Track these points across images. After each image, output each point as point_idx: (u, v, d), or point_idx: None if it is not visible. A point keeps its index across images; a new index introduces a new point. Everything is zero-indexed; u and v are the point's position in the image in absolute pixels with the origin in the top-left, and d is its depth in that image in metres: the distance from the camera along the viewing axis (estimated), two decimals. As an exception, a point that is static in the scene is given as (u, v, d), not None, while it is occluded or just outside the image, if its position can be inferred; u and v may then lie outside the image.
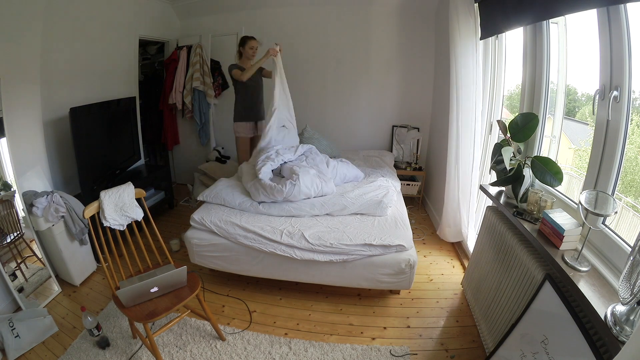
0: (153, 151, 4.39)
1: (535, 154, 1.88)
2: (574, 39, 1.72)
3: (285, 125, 3.00)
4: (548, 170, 1.57)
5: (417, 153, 3.61)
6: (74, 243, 2.30)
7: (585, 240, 1.25)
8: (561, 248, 1.32)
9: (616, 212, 1.16)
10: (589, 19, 1.36)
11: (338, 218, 2.26)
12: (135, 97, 3.35)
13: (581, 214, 1.21)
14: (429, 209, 3.54)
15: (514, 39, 2.18)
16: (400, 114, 3.80)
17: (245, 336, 1.90)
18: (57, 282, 2.26)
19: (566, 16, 1.62)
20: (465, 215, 2.54)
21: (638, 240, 0.91)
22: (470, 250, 2.51)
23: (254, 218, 2.22)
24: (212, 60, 3.84)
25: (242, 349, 1.82)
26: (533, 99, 1.93)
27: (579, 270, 1.20)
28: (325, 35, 3.65)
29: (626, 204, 1.56)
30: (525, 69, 1.95)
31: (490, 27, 2.10)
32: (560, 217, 1.37)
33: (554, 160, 1.66)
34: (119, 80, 3.19)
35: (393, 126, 3.82)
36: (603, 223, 1.33)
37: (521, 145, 1.81)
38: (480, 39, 2.25)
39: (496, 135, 2.43)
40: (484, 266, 1.89)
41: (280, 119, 2.92)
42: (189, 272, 1.69)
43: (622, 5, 1.19)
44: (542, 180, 1.59)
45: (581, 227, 1.32)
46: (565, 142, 2.01)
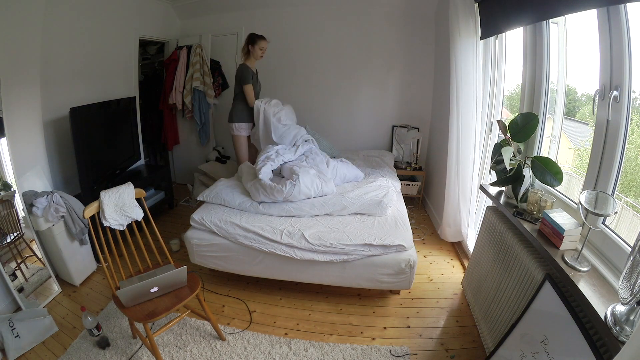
0: (153, 151, 4.39)
1: (535, 154, 1.88)
2: (574, 39, 1.72)
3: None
4: (548, 170, 1.57)
5: (417, 153, 3.61)
6: (74, 243, 2.30)
7: (585, 240, 1.24)
8: (561, 248, 1.32)
9: (616, 212, 1.16)
10: (589, 19, 1.36)
11: (338, 218, 2.26)
12: (135, 97, 3.34)
13: (581, 214, 1.21)
14: (429, 209, 3.54)
15: (514, 39, 2.18)
16: (400, 114, 3.80)
17: (245, 336, 1.90)
18: (57, 282, 2.26)
19: (566, 16, 1.62)
20: (465, 215, 2.54)
21: (638, 240, 0.91)
22: (470, 250, 2.51)
23: (254, 218, 2.22)
24: (212, 60, 3.84)
25: (242, 349, 1.82)
26: (533, 99, 1.93)
27: (579, 270, 1.20)
28: (326, 35, 3.65)
29: (626, 204, 1.55)
30: (525, 69, 1.95)
31: (491, 27, 2.10)
32: (560, 217, 1.37)
33: (554, 160, 1.66)
34: (119, 80, 3.19)
35: (393, 126, 3.82)
36: (603, 223, 1.33)
37: (521, 145, 1.81)
38: (481, 39, 2.25)
39: (496, 135, 2.43)
40: (484, 266, 1.89)
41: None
42: (189, 272, 1.69)
43: (622, 5, 1.19)
44: (542, 180, 1.59)
45: (581, 227, 1.32)
46: (565, 142, 2.01)
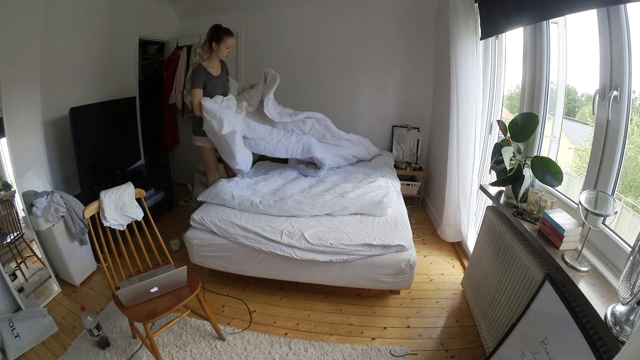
0: (153, 151, 4.38)
1: (535, 154, 1.88)
2: (574, 39, 1.72)
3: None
4: (548, 170, 1.57)
5: (417, 153, 3.61)
6: (74, 243, 2.30)
7: (585, 240, 1.25)
8: (561, 248, 1.32)
9: (616, 212, 1.16)
10: (589, 19, 1.36)
11: (338, 218, 2.26)
12: (135, 97, 3.35)
13: (581, 214, 1.21)
14: (429, 209, 3.54)
15: (514, 39, 2.18)
16: (400, 114, 3.80)
17: (245, 336, 1.90)
18: (57, 282, 2.26)
19: (566, 16, 1.62)
20: (465, 215, 2.54)
21: (638, 240, 0.91)
22: (470, 250, 2.51)
23: (254, 218, 2.22)
24: (212, 60, 3.83)
25: (242, 349, 1.82)
26: (533, 99, 1.93)
27: (579, 270, 1.20)
28: (326, 35, 3.64)
29: (626, 204, 1.55)
30: (525, 69, 1.95)
31: (491, 27, 2.10)
32: (560, 217, 1.37)
33: (554, 160, 1.66)
34: (119, 80, 3.19)
35: (393, 126, 3.81)
36: (603, 223, 1.33)
37: (521, 145, 1.81)
38: (481, 39, 2.25)
39: (496, 135, 2.43)
40: (484, 266, 1.89)
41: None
42: (189, 272, 1.69)
43: (622, 5, 1.19)
44: (542, 180, 1.59)
45: (581, 227, 1.32)
46: (565, 142, 2.01)
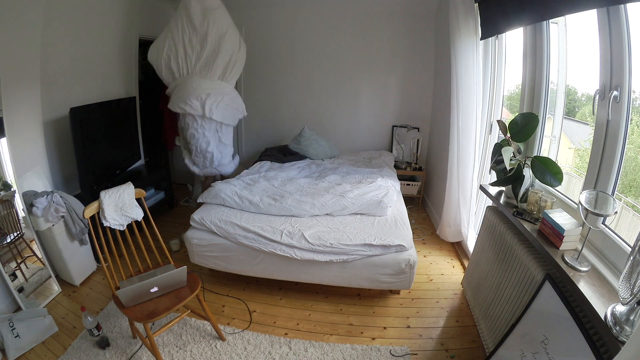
0: (153, 151, 4.38)
1: (535, 154, 1.88)
2: (574, 39, 1.72)
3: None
4: (548, 170, 1.57)
5: (417, 153, 3.61)
6: (74, 243, 2.30)
7: (585, 240, 1.25)
8: (561, 248, 1.32)
9: (616, 212, 1.16)
10: (589, 19, 1.36)
11: (338, 218, 2.26)
12: (135, 97, 3.35)
13: (581, 214, 1.21)
14: (429, 209, 3.54)
15: (514, 39, 2.18)
16: (400, 114, 3.80)
17: (245, 336, 1.90)
18: (57, 282, 2.26)
19: (566, 16, 1.62)
20: (465, 215, 2.54)
21: (638, 240, 0.91)
22: (470, 250, 2.51)
23: (254, 218, 2.22)
24: (212, 60, 3.83)
25: (242, 349, 1.82)
26: (533, 99, 1.93)
27: (579, 270, 1.20)
28: (325, 35, 3.64)
29: (626, 204, 1.55)
30: (525, 69, 1.95)
31: (491, 27, 2.10)
32: (560, 217, 1.37)
33: (554, 160, 1.66)
34: (119, 80, 3.19)
35: (393, 126, 3.82)
36: (603, 223, 1.33)
37: (521, 145, 1.81)
38: (481, 39, 2.25)
39: (496, 135, 2.43)
40: (484, 266, 1.89)
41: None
42: (189, 272, 1.69)
43: (622, 5, 1.19)
44: (542, 180, 1.59)
45: (581, 227, 1.32)
46: (565, 142, 2.01)
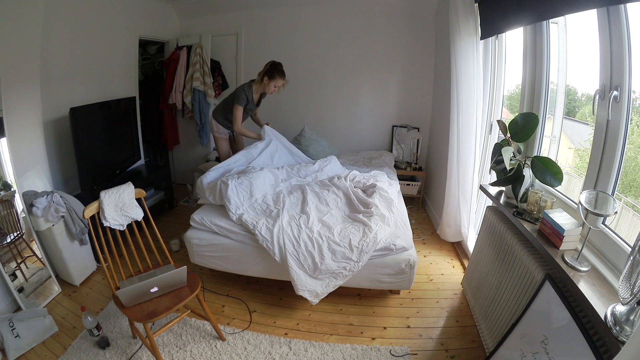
0: (153, 151, 4.39)
1: (535, 154, 1.88)
2: (574, 39, 1.72)
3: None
4: (548, 170, 1.57)
5: (417, 153, 3.61)
6: (74, 243, 2.30)
7: (585, 240, 1.25)
8: (561, 248, 1.32)
9: (616, 212, 1.16)
10: (589, 19, 1.36)
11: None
12: (135, 97, 3.35)
13: (581, 214, 1.21)
14: (429, 209, 3.54)
15: (514, 39, 2.18)
16: (400, 114, 3.80)
17: (245, 336, 1.90)
18: (57, 282, 2.26)
19: (566, 16, 1.62)
20: (465, 215, 2.54)
21: (638, 240, 0.91)
22: (470, 250, 2.51)
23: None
24: (212, 60, 3.84)
25: (242, 349, 1.82)
26: (533, 99, 1.93)
27: (579, 270, 1.20)
28: (325, 35, 3.64)
29: (626, 204, 1.55)
30: (525, 69, 1.95)
31: (491, 27, 2.10)
32: (560, 217, 1.37)
33: (554, 160, 1.66)
34: (119, 80, 3.19)
35: (393, 126, 3.82)
36: (603, 223, 1.33)
37: (521, 145, 1.81)
38: (481, 39, 2.25)
39: (496, 135, 2.43)
40: (484, 266, 1.89)
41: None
42: (189, 272, 1.69)
43: (622, 5, 1.19)
44: (542, 180, 1.59)
45: (581, 227, 1.32)
46: (565, 142, 2.01)
